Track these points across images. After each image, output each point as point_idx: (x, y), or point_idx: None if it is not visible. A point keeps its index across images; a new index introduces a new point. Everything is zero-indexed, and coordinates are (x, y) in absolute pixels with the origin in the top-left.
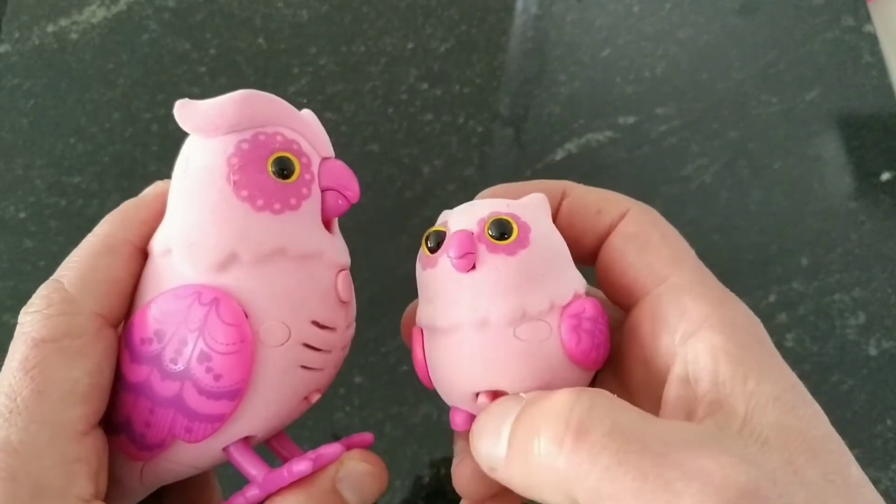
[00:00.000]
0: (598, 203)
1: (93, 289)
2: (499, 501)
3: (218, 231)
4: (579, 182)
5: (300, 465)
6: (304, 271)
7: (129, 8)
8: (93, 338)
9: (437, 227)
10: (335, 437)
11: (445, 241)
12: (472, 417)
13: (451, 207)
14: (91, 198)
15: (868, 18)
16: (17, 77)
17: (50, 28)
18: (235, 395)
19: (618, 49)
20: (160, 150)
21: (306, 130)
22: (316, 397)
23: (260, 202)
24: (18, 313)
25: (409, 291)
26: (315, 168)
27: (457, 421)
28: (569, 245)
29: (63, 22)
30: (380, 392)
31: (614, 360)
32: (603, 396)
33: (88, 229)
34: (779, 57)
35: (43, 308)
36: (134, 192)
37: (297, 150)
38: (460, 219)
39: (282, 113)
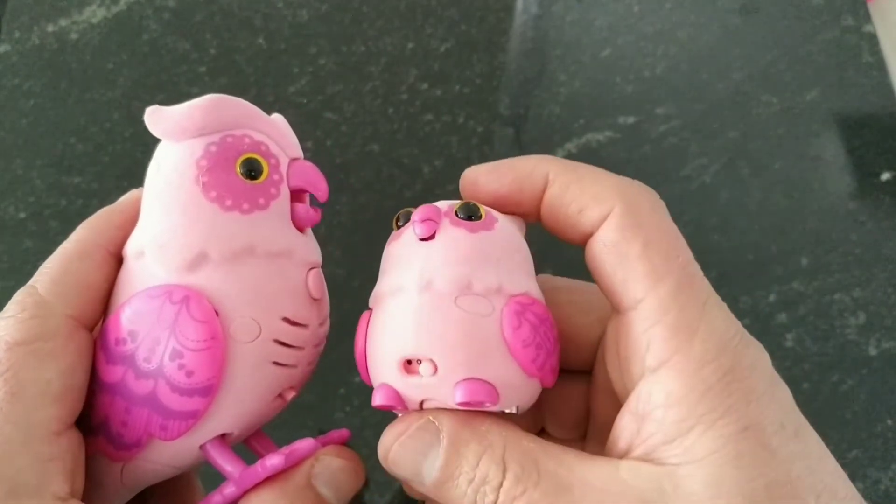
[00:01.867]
0: (582, 200)
1: (65, 292)
2: None
3: (187, 232)
4: None
5: (273, 460)
6: (273, 269)
7: (129, 8)
8: (65, 340)
9: (411, 209)
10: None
11: (412, 213)
12: (394, 394)
13: None
14: (91, 198)
15: (868, 18)
16: (17, 77)
17: (50, 28)
18: (208, 391)
19: (618, 49)
20: None
21: (275, 133)
22: (291, 395)
23: (228, 202)
24: None
25: None
26: (284, 169)
27: (377, 395)
28: (555, 236)
29: (63, 22)
30: None
31: (603, 367)
32: (531, 463)
33: None
34: (779, 57)
35: (17, 313)
36: None
37: (265, 152)
38: (435, 204)
39: (250, 116)
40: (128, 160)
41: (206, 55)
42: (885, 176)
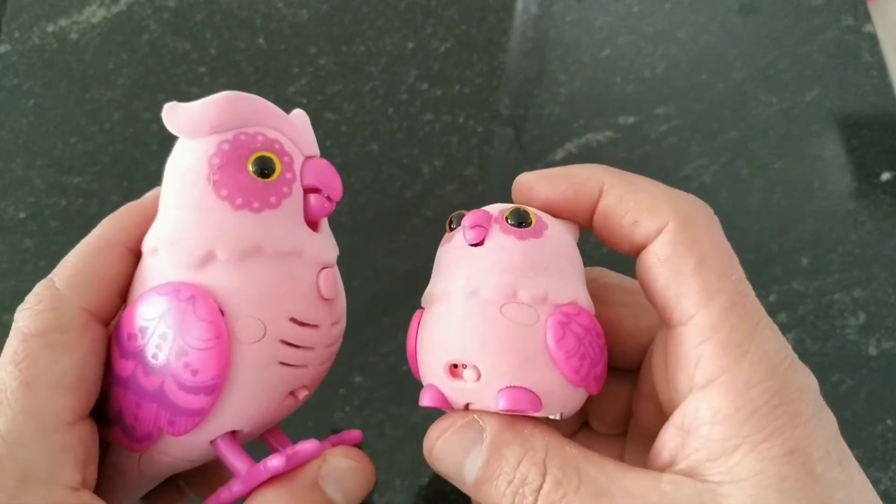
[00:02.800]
0: (636, 211)
1: (81, 286)
2: None
3: (197, 230)
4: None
5: (274, 461)
6: (282, 269)
7: (129, 8)
8: (79, 332)
9: (464, 211)
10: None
11: (464, 217)
12: (440, 395)
13: (451, 207)
14: (91, 198)
15: (868, 18)
16: (17, 77)
17: (50, 28)
18: (212, 390)
19: (618, 49)
20: (160, 150)
21: (290, 130)
22: (303, 394)
23: (239, 201)
24: None
25: (409, 291)
26: (297, 167)
27: (424, 395)
28: (607, 246)
29: (63, 22)
30: (380, 392)
31: (648, 373)
32: (572, 468)
33: (88, 229)
34: (779, 57)
35: (34, 304)
36: (134, 192)
37: (279, 150)
38: (489, 207)
39: (265, 113)
40: (128, 160)
41: (206, 55)
42: (885, 176)
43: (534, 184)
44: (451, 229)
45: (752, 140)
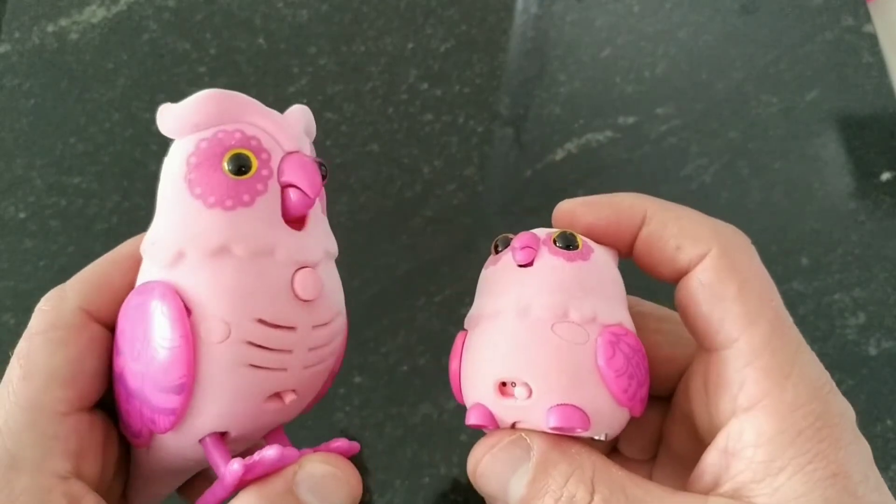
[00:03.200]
0: (679, 238)
1: (84, 288)
2: None
3: (171, 229)
4: (581, 181)
5: (234, 466)
6: (249, 268)
7: (129, 8)
8: (77, 330)
9: (510, 235)
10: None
11: (512, 240)
12: (488, 414)
13: (451, 208)
14: (91, 198)
15: (868, 18)
16: (17, 77)
17: (50, 28)
18: (181, 389)
19: (618, 49)
20: (160, 150)
21: (272, 126)
22: (290, 397)
23: (211, 199)
24: (18, 313)
25: (409, 291)
26: (275, 164)
27: (471, 414)
28: (646, 272)
29: (63, 22)
30: (380, 392)
31: (685, 399)
32: (619, 489)
33: (88, 229)
34: (779, 57)
35: (42, 305)
36: (134, 192)
37: (256, 147)
38: (534, 231)
39: (246, 109)
40: (128, 160)
41: (206, 55)
42: (885, 176)
43: (576, 210)
44: (497, 252)
45: (752, 140)
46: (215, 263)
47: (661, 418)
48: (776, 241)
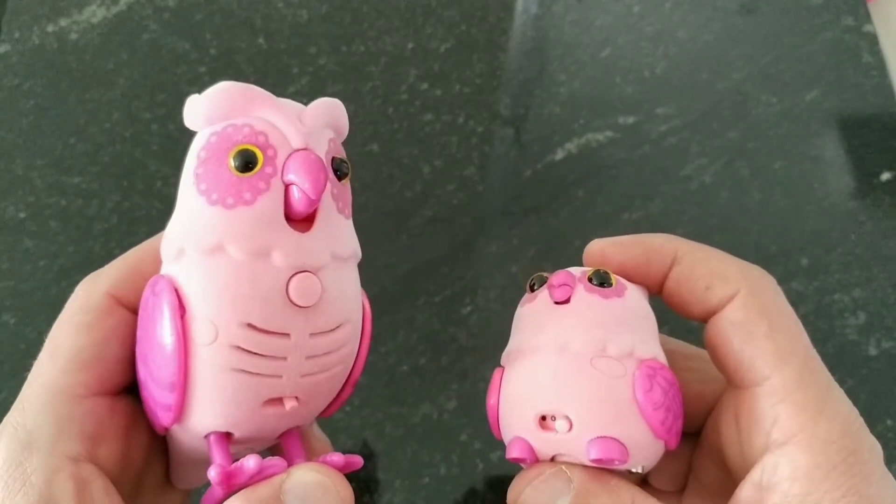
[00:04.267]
0: (709, 278)
1: (114, 274)
2: None
3: (177, 224)
4: (581, 181)
5: (212, 472)
6: (241, 270)
7: (129, 8)
8: (102, 314)
9: (544, 273)
10: (343, 436)
11: (549, 278)
12: (528, 447)
13: (451, 207)
14: (91, 198)
15: (868, 18)
16: (17, 77)
17: (50, 28)
18: (173, 387)
19: (618, 49)
20: (160, 150)
21: (283, 120)
22: (291, 404)
23: (214, 196)
24: (18, 313)
25: (409, 291)
26: (280, 161)
27: (513, 447)
28: (676, 310)
29: (63, 22)
30: (380, 392)
31: (715, 435)
32: None
33: (88, 229)
34: (779, 57)
35: (76, 290)
36: (134, 192)
37: (263, 142)
38: (568, 269)
39: (259, 102)
40: (128, 160)
41: (206, 55)
42: (885, 176)
43: (607, 250)
44: (532, 290)
45: (752, 140)
46: (209, 262)
47: (690, 452)
48: (776, 241)
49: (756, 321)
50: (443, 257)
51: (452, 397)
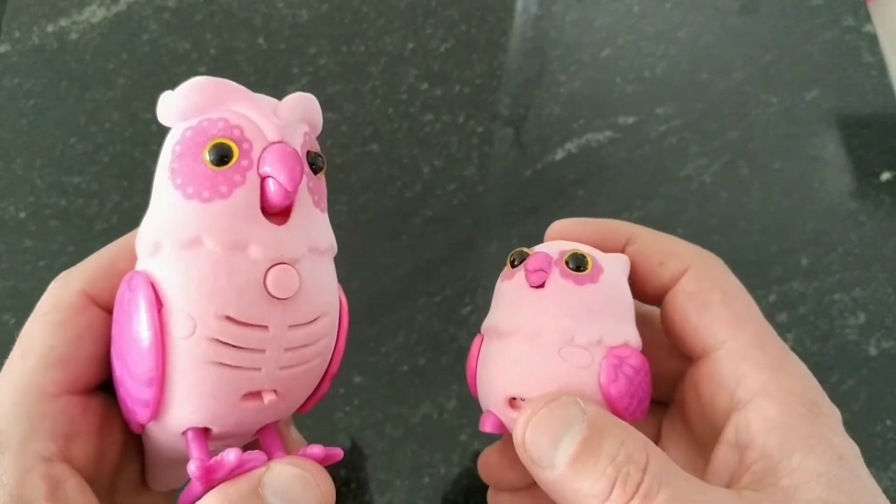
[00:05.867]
0: (661, 255)
1: (87, 271)
2: (522, 494)
3: (152, 220)
4: (581, 181)
5: (191, 465)
6: (218, 263)
7: (129, 8)
8: (75, 312)
9: (525, 249)
10: (343, 436)
11: (526, 260)
12: (500, 423)
13: (451, 207)
14: (91, 198)
15: (868, 18)
16: (17, 77)
17: (50, 28)
18: (151, 382)
19: (618, 49)
20: (160, 149)
21: (258, 114)
22: (269, 397)
23: (189, 190)
24: (18, 313)
25: (408, 291)
26: (256, 154)
27: (486, 422)
28: (631, 289)
29: (63, 22)
30: (380, 392)
31: (680, 409)
32: (669, 463)
33: (88, 229)
34: (779, 57)
35: (50, 288)
36: (134, 192)
37: (238, 136)
38: (547, 247)
39: (233, 96)
40: (128, 160)
41: (206, 55)
42: (885, 176)
43: (567, 228)
44: (513, 266)
45: (752, 140)
46: (186, 256)
47: (659, 421)
48: (776, 241)
49: (710, 290)
50: (443, 257)
51: (452, 397)
